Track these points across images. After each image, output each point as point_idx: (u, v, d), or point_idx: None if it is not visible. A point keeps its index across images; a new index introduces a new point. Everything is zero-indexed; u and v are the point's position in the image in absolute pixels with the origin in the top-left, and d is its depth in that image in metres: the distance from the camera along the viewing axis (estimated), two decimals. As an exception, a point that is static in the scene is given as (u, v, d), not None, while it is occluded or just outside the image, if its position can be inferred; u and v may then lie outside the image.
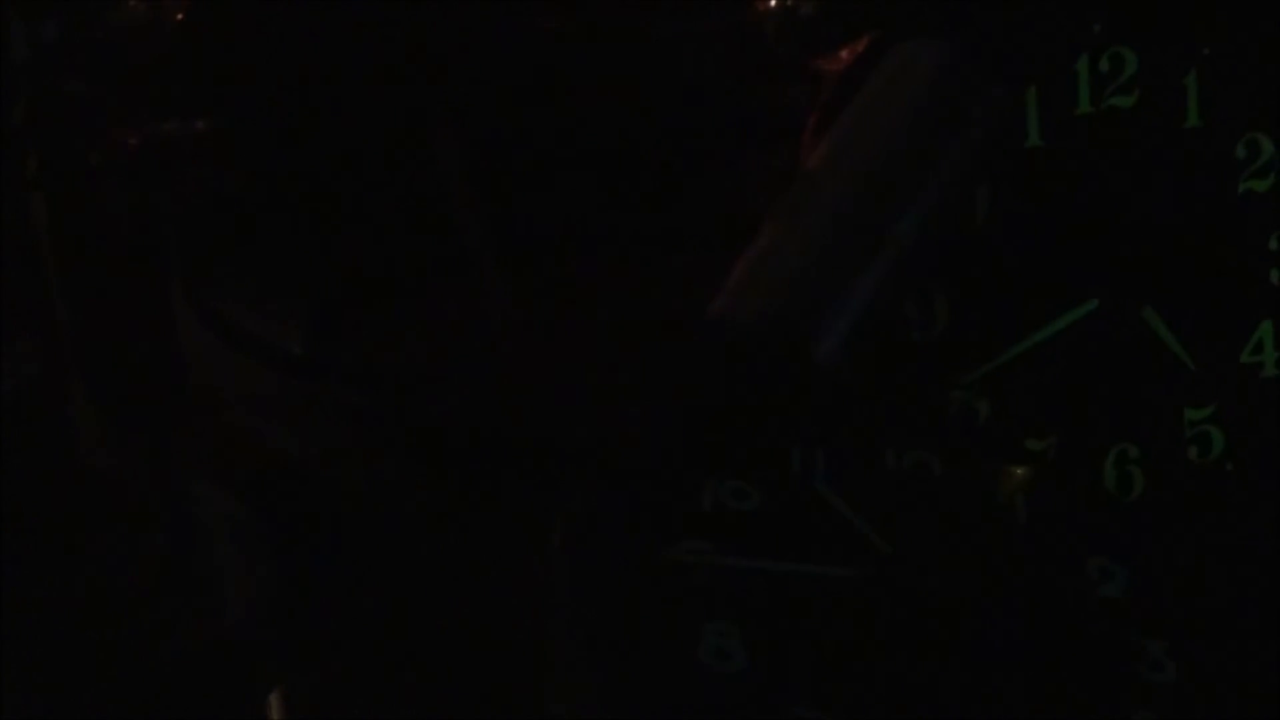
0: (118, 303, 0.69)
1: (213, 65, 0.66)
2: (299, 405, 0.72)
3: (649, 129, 0.72)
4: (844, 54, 0.69)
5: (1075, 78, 0.69)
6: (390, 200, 0.72)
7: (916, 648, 0.58)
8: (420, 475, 0.69)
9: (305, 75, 0.69)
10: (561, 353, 0.69)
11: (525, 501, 0.64)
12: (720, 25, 0.71)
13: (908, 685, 0.57)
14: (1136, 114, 0.69)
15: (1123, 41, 0.69)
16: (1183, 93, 0.70)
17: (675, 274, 0.68)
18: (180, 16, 0.61)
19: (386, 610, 0.65)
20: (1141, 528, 0.66)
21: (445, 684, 0.63)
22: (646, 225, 0.72)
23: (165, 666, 0.65)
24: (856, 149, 0.62)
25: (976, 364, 0.69)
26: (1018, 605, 0.60)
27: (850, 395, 0.63)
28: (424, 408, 0.71)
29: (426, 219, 0.72)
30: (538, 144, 0.72)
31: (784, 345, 0.58)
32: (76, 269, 0.68)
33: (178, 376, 0.70)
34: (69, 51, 0.61)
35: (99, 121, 0.64)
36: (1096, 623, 0.60)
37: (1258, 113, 0.70)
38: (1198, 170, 0.70)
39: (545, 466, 0.64)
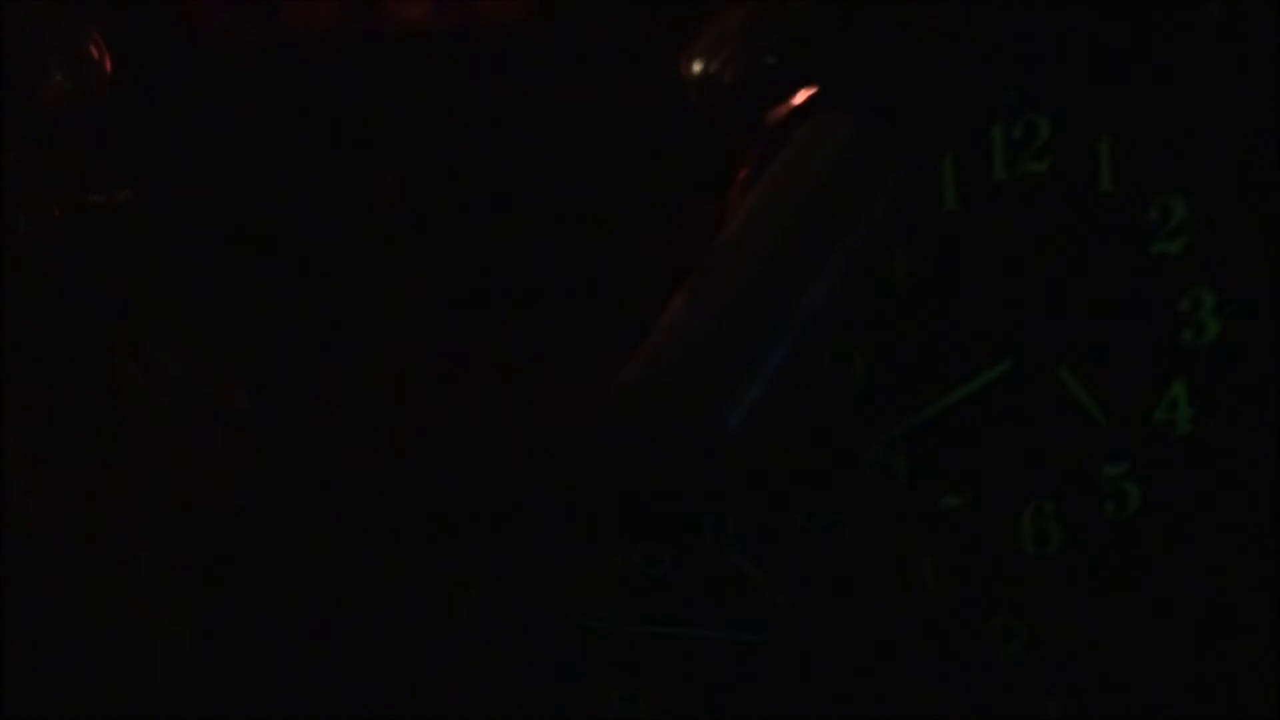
0: (52, 357, 0.70)
1: (138, 137, 0.67)
2: (234, 458, 0.73)
3: (581, 189, 0.73)
4: (776, 113, 0.69)
5: (990, 144, 0.70)
6: (326, 256, 0.73)
7: (821, 712, 0.59)
8: (346, 529, 0.70)
9: (236, 139, 0.70)
10: (482, 412, 0.70)
11: (439, 561, 0.65)
12: (649, 87, 0.72)
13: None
14: (1050, 179, 0.70)
15: (1036, 109, 0.70)
16: (1095, 158, 0.71)
17: (595, 336, 0.69)
18: (105, 93, 0.62)
19: (309, 665, 0.66)
20: (1049, 585, 0.68)
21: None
22: (574, 286, 0.73)
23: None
24: (768, 218, 0.63)
25: (893, 423, 0.70)
26: (923, 667, 0.61)
27: (761, 461, 0.64)
28: (355, 463, 0.72)
29: (363, 275, 0.73)
30: (469, 203, 0.73)
31: (691, 416, 0.58)
32: (11, 325, 0.69)
33: (112, 431, 0.71)
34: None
35: (25, 191, 0.65)
36: (997, 683, 0.61)
37: (1169, 177, 0.71)
38: (1111, 233, 0.71)
39: (459, 528, 0.65)
